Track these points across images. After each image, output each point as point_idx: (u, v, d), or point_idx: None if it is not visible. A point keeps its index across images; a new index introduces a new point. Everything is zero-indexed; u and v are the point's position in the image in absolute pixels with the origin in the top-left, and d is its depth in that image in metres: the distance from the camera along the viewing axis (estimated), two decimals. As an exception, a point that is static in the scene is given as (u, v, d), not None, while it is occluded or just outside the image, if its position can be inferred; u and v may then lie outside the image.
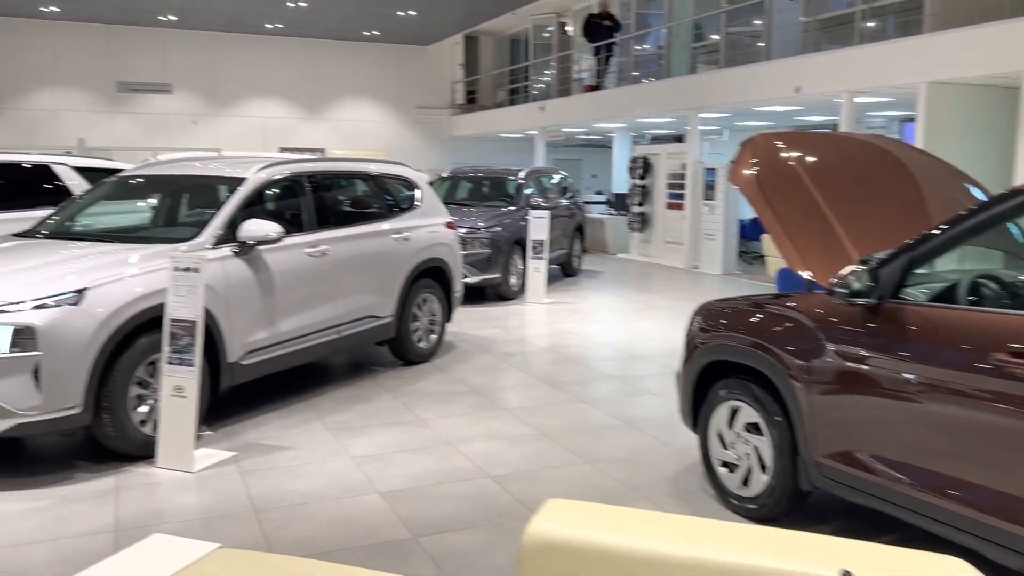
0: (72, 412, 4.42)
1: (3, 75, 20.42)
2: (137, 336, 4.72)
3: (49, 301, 4.39)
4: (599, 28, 17.29)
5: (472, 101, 24.69)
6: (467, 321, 9.20)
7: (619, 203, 17.88)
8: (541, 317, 9.76)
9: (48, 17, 20.06)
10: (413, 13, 19.32)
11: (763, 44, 14.02)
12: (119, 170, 8.98)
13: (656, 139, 21.93)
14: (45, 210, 7.76)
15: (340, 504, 4.20)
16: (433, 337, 7.42)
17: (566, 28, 21.16)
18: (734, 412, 4.06)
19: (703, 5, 15.84)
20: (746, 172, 4.15)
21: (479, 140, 24.41)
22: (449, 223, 7.71)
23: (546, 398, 6.23)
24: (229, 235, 5.40)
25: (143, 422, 4.78)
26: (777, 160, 4.25)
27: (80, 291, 4.49)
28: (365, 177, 7.04)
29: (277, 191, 6.13)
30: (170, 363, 4.66)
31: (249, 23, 20.91)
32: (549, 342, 8.30)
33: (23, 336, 4.29)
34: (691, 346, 4.34)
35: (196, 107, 22.24)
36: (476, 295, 10.79)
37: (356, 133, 24.10)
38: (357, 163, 7.02)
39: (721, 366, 4.17)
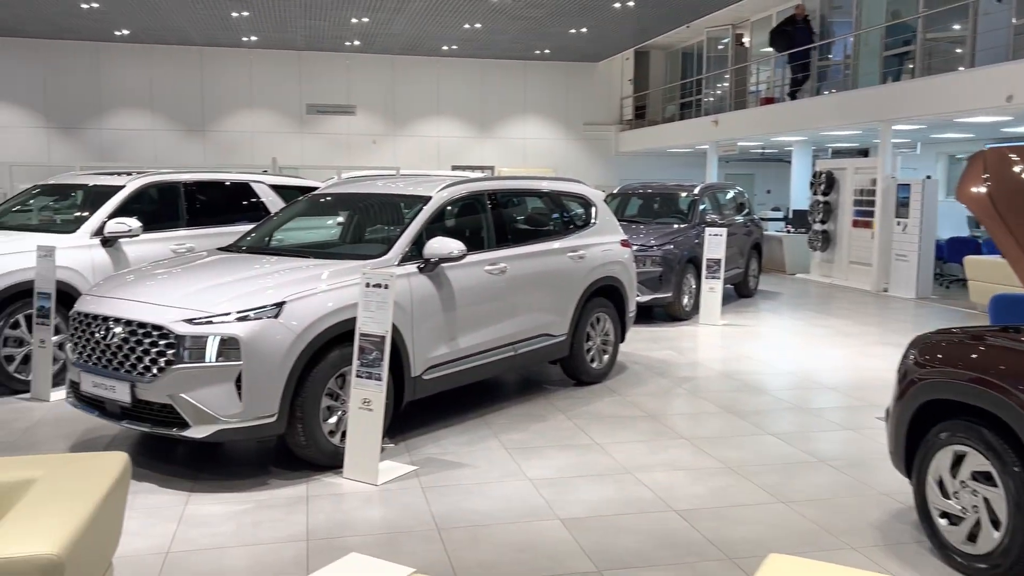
0: (269, 421, 4.62)
1: (208, 100, 22.28)
2: (329, 349, 4.87)
3: (251, 313, 4.61)
4: (794, 35, 16.44)
5: (641, 116, 24.41)
6: (638, 342, 8.97)
7: (798, 220, 17.01)
8: (716, 340, 9.37)
9: (247, 45, 21.72)
10: (584, 30, 19.35)
11: (961, 50, 12.92)
12: (309, 188, 9.52)
13: (838, 153, 20.75)
14: (245, 225, 8.34)
15: (522, 528, 4.11)
16: (606, 357, 7.26)
17: (743, 40, 20.47)
18: (958, 458, 3.63)
19: (896, 11, 14.82)
20: (976, 189, 3.72)
21: (647, 156, 24.10)
22: (624, 241, 7.54)
23: (728, 428, 5.91)
24: (414, 252, 5.50)
25: (331, 433, 4.93)
26: (1011, 175, 3.79)
27: (279, 304, 4.69)
28: (541, 195, 7.01)
29: (459, 209, 6.20)
30: (359, 376, 4.77)
31: (426, 45, 21.72)
32: (726, 367, 7.92)
33: (228, 346, 4.52)
34: (905, 382, 3.93)
35: (376, 127, 23.33)
36: (646, 315, 10.54)
37: (524, 150, 24.44)
38: (534, 181, 7.00)
39: (942, 405, 3.75)
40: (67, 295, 6.78)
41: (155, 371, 4.56)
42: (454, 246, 5.45)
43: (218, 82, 22.29)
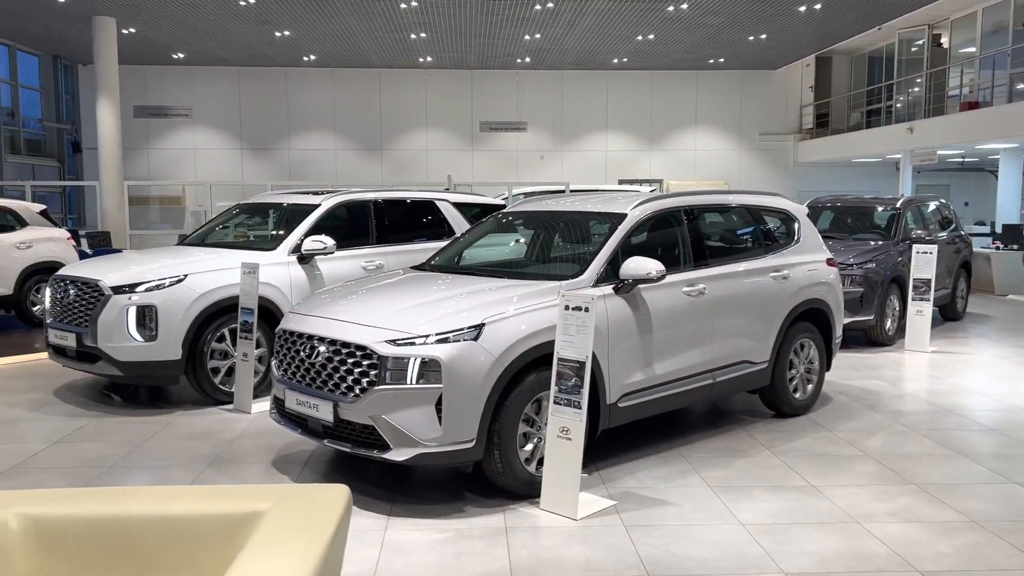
0: (467, 446, 4.48)
1: (386, 119, 23.18)
2: (525, 373, 4.69)
3: (451, 335, 4.50)
4: None
5: (823, 125, 23.10)
6: (838, 369, 8.26)
7: (1009, 235, 15.39)
8: (926, 369, 8.49)
9: (423, 66, 22.41)
10: (764, 37, 18.52)
11: None
12: (491, 205, 9.51)
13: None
14: (429, 243, 8.42)
15: (741, 581, 3.73)
16: (810, 387, 6.69)
17: (940, 40, 18.90)
18: None
19: None
20: None
21: (828, 166, 22.77)
22: (830, 260, 6.94)
23: (964, 473, 5.22)
24: (610, 273, 5.25)
25: (527, 460, 4.74)
26: None
27: (479, 326, 4.56)
28: (741, 210, 6.56)
29: (654, 227, 5.88)
30: (557, 403, 4.55)
31: (596, 59, 21.57)
32: (945, 401, 7.11)
33: (428, 369, 4.43)
34: None
35: (543, 143, 23.43)
36: (843, 339, 9.72)
37: (694, 162, 23.76)
38: (732, 195, 6.57)
39: None
40: (267, 310, 7.03)
41: (358, 391, 4.54)
42: (652, 267, 5.14)
43: (395, 102, 23.15)
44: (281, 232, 7.71)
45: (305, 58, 21.81)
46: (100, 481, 5.06)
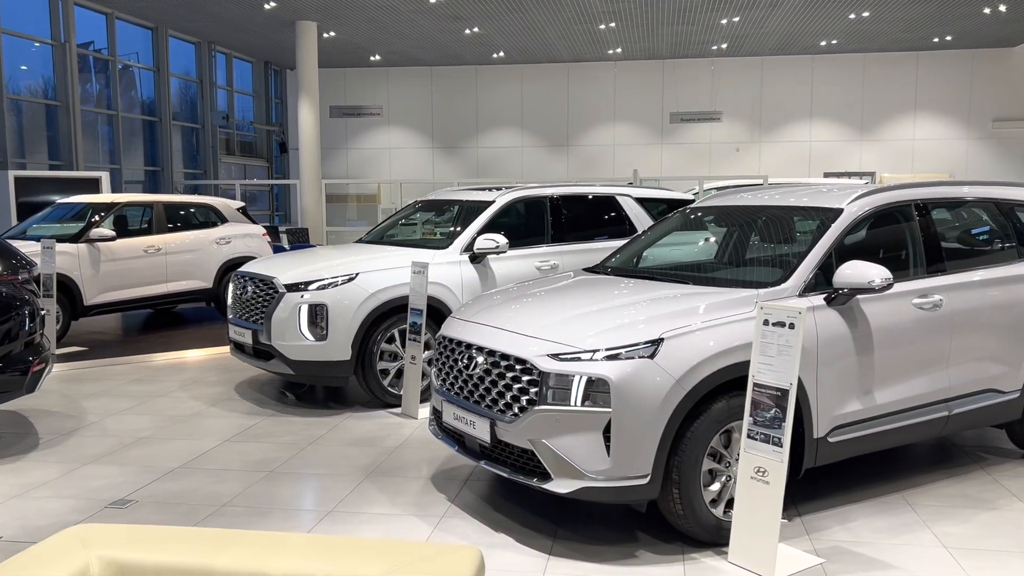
0: (640, 482, 3.83)
1: (573, 114, 22.75)
2: (713, 399, 3.96)
3: (623, 351, 3.86)
4: None
5: (1072, 107, 20.06)
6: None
7: None
8: None
9: (611, 58, 21.75)
10: (1003, 9, 16.22)
11: None
12: (678, 201, 8.72)
13: None
14: (609, 241, 7.78)
15: None
16: (1073, 423, 5.40)
17: None
18: None
19: None
20: None
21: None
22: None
23: None
24: (820, 280, 4.38)
25: (714, 502, 4.01)
26: None
27: (655, 342, 3.89)
28: (987, 204, 5.40)
29: (877, 225, 4.91)
30: (751, 438, 3.79)
31: (801, 43, 19.94)
32: None
33: (595, 389, 3.82)
34: None
35: (739, 134, 22.04)
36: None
37: (912, 153, 21.43)
38: (975, 187, 5.41)
39: None
40: (437, 311, 6.71)
41: (516, 410, 4.01)
42: (875, 273, 4.22)
43: (583, 97, 22.67)
44: (455, 230, 7.38)
45: (494, 55, 21.83)
46: (255, 488, 4.89)
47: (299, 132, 17.99)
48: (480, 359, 4.26)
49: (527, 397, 3.97)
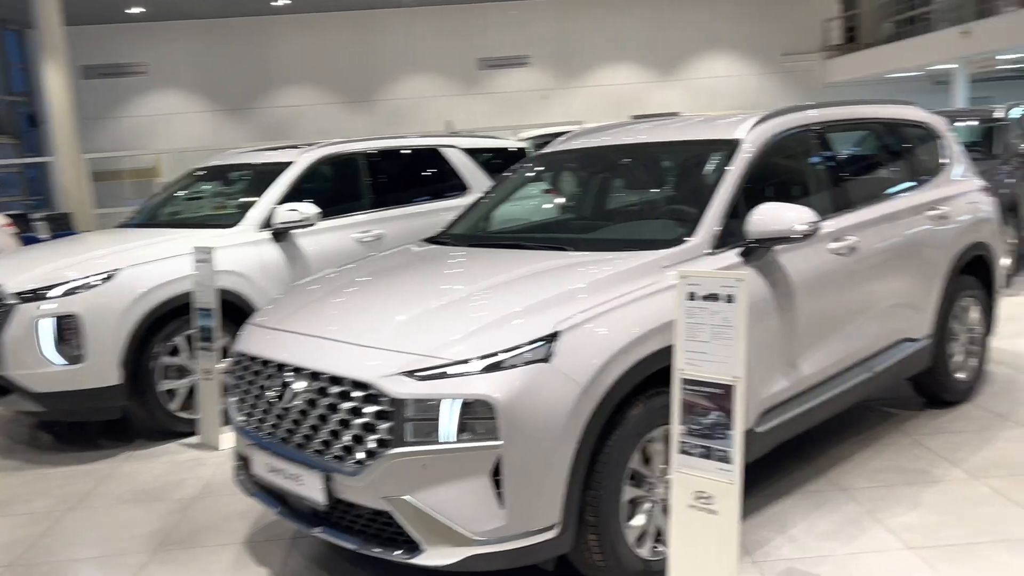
0: (548, 536, 2.74)
1: (373, 67, 21.09)
2: (627, 405, 2.93)
3: (506, 357, 2.72)
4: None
5: (852, 40, 20.97)
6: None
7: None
8: (1075, 316, 6.71)
9: (408, 4, 20.26)
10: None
11: None
12: (514, 151, 7.66)
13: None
14: (436, 202, 6.60)
15: None
16: (972, 362, 4.93)
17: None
18: None
19: None
20: None
21: (860, 85, 20.69)
22: (986, 187, 5.12)
23: None
24: (727, 231, 3.45)
25: (640, 539, 3.01)
26: None
27: (549, 338, 2.78)
28: (878, 127, 4.72)
29: (781, 158, 4.06)
30: (686, 453, 2.79)
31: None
32: None
33: (475, 415, 2.67)
34: None
35: (547, 81, 21.39)
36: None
37: (713, 91, 21.71)
38: (864, 107, 4.69)
39: None
40: (235, 308, 5.27)
41: (360, 455, 2.78)
42: (796, 216, 3.33)
43: (381, 47, 21.06)
44: (248, 201, 5.89)
45: (276, 2, 19.66)
46: (-15, 600, 3.36)
47: (48, 100, 15.17)
48: (299, 385, 2.97)
49: (375, 436, 2.75)
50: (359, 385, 2.79)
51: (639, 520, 3.00)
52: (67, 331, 4.82)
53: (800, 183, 4.11)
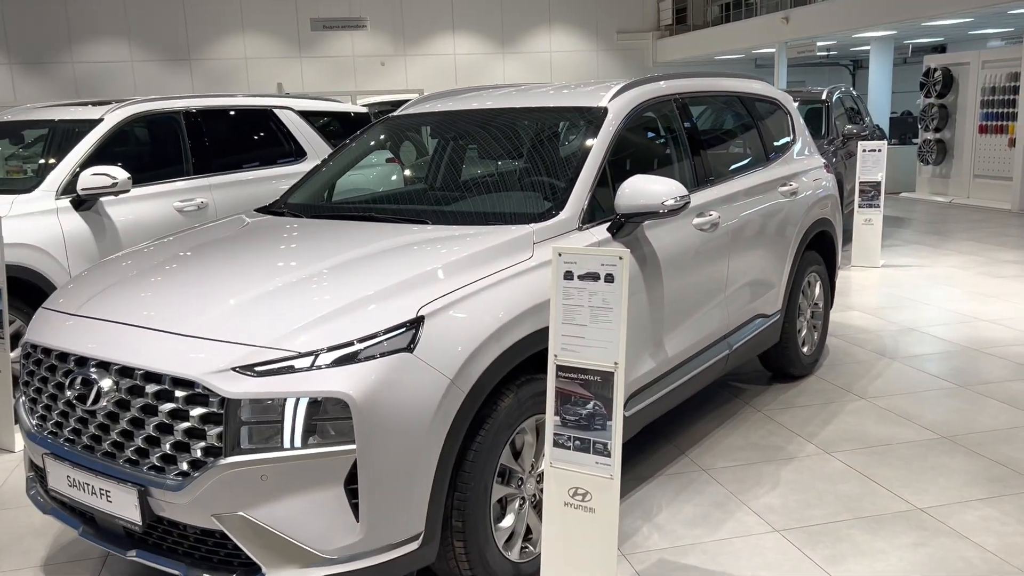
0: (411, 547, 2.41)
1: (193, 24, 19.52)
2: (497, 396, 2.65)
3: (362, 347, 2.36)
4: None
5: (682, 21, 21.68)
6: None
7: (897, 129, 14.62)
8: (893, 289, 7.15)
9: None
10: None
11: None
12: (351, 115, 7.17)
13: (918, 51, 18.22)
14: (269, 169, 6.05)
15: None
16: (815, 336, 5.06)
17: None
18: None
19: None
20: None
21: (689, 65, 21.47)
22: (827, 164, 5.25)
23: (1091, 457, 3.74)
24: (594, 205, 3.23)
25: (508, 541, 2.75)
26: None
27: (412, 324, 2.44)
28: (734, 101, 4.67)
29: (641, 129, 3.89)
30: (560, 446, 2.55)
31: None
32: (958, 333, 5.72)
33: (325, 416, 2.30)
34: None
35: (384, 48, 20.66)
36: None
37: (550, 65, 21.82)
38: (721, 80, 4.63)
39: None
40: (33, 288, 4.55)
41: (185, 466, 2.34)
42: (666, 190, 3.16)
43: (200, 5, 19.48)
44: (47, 163, 5.11)
45: (81, -54, 17.71)
46: None
47: None
48: (106, 383, 2.47)
49: (203, 444, 2.31)
50: (181, 383, 2.34)
51: (508, 520, 2.74)
52: None
53: (662, 156, 3.97)
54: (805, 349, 4.89)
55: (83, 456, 2.54)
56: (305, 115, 6.58)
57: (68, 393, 2.56)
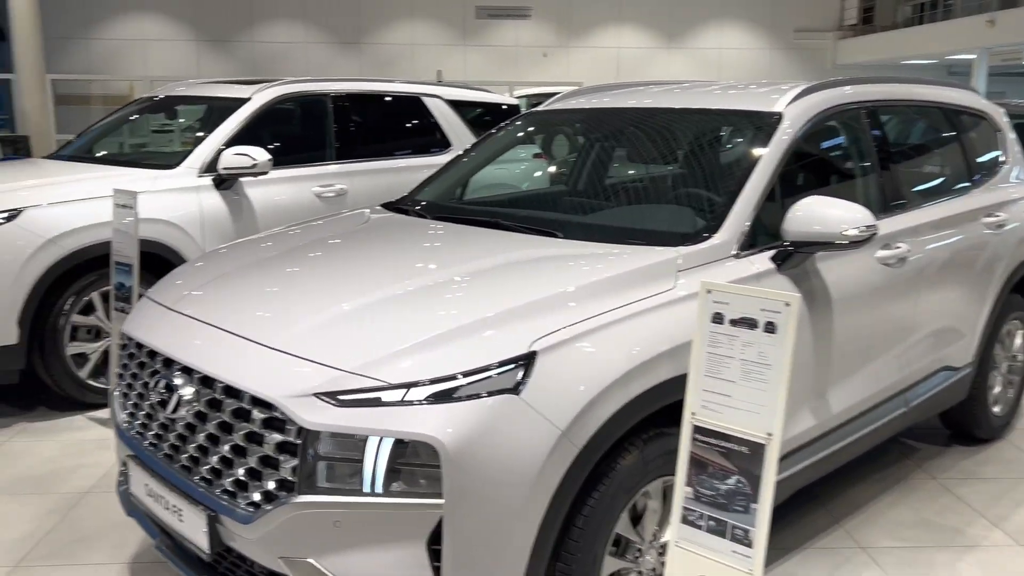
0: (499, 627, 2.05)
1: (366, 8, 20.01)
2: (618, 452, 2.23)
3: (463, 383, 2.00)
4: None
5: (868, 21, 20.11)
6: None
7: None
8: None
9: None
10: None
11: None
12: (501, 106, 6.87)
13: None
14: (413, 158, 5.85)
15: None
16: (1010, 394, 4.28)
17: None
18: None
19: None
20: None
21: (872, 69, 19.88)
22: (1043, 192, 4.42)
23: None
24: (758, 228, 2.72)
25: (617, 624, 2.33)
26: None
27: (522, 361, 2.06)
28: (936, 113, 3.98)
29: (823, 142, 3.33)
30: (689, 523, 2.10)
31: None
32: None
33: (412, 461, 1.96)
34: None
35: (547, 38, 20.40)
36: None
37: (719, 63, 20.84)
38: (919, 87, 3.94)
39: None
40: (164, 262, 4.52)
41: (256, 496, 2.07)
42: (850, 217, 2.61)
43: (374, -13, 19.94)
44: (191, 140, 5.11)
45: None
46: None
47: (10, 12, 14.09)
48: (187, 392, 2.24)
49: (277, 476, 2.03)
50: (260, 403, 2.07)
51: (633, 597, 2.32)
52: (-46, 277, 4.05)
53: (844, 174, 3.39)
54: (996, 408, 4.13)
55: (162, 465, 2.34)
56: (454, 105, 6.34)
57: (154, 392, 2.36)
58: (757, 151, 2.85)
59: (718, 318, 2.06)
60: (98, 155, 5.49)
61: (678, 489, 2.12)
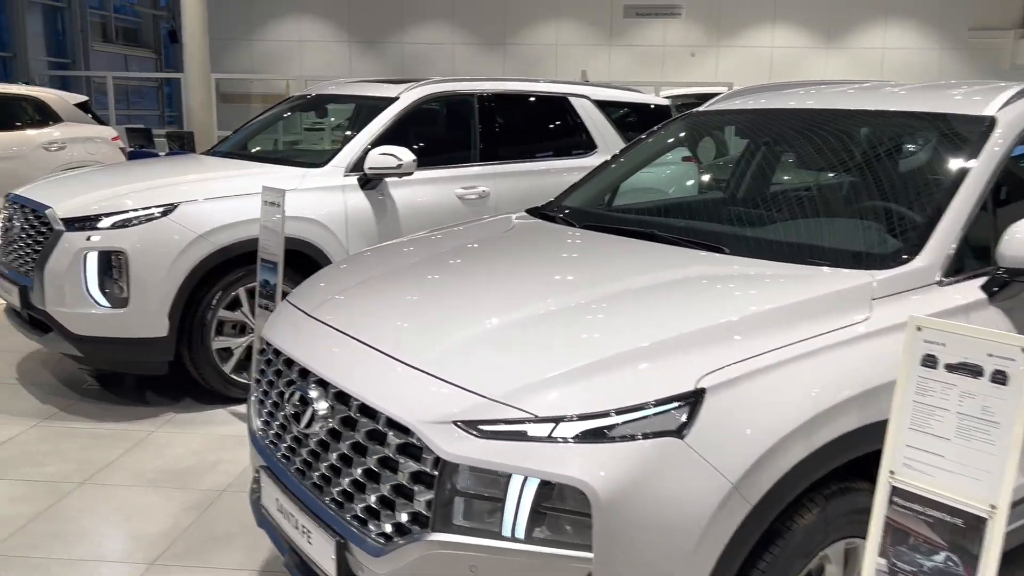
0: None
1: (512, 9, 20.07)
2: (794, 511, 1.92)
3: (619, 423, 1.75)
4: None
5: (1056, 17, 18.31)
6: None
7: None
8: None
9: (557, -57, 19.04)
10: None
11: None
12: (652, 107, 6.57)
13: None
14: (558, 160, 5.65)
15: None
16: None
17: None
18: None
19: None
20: None
21: (1056, 71, 18.11)
22: None
23: None
24: (965, 251, 2.33)
25: None
26: None
27: (689, 399, 1.79)
28: None
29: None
30: (882, 603, 1.77)
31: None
32: None
33: (558, 506, 1.73)
34: None
35: (695, 37, 19.74)
36: None
37: (881, 64, 19.51)
38: None
39: None
40: (312, 263, 4.52)
41: (387, 528, 1.90)
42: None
43: (521, -12, 19.94)
44: (339, 139, 5.11)
45: (421, -66, 18.83)
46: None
47: (183, 15, 14.98)
48: (322, 406, 2.11)
49: (411, 508, 1.86)
50: (396, 427, 1.90)
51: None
52: (113, 269, 4.17)
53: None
54: None
55: (294, 480, 2.22)
56: (601, 105, 6.09)
57: (288, 403, 2.25)
58: (965, 161, 2.45)
59: (930, 361, 1.72)
60: (251, 152, 5.61)
61: (869, 558, 1.79)
